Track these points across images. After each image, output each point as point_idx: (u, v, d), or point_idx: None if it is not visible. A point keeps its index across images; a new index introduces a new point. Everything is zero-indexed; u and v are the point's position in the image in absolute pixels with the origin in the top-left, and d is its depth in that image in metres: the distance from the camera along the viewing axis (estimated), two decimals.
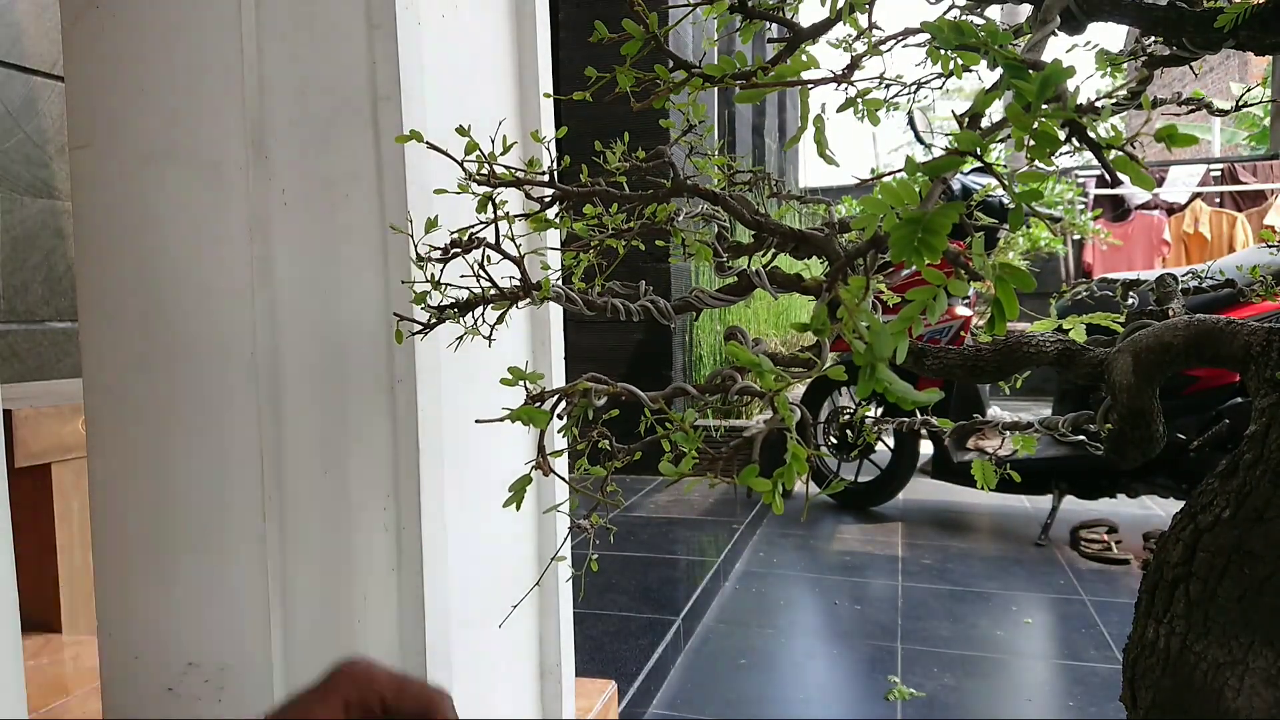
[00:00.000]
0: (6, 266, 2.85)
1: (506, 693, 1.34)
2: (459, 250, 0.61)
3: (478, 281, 0.60)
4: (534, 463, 0.57)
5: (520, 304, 0.61)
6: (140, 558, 1.13)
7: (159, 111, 1.09)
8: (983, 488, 0.91)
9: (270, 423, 1.08)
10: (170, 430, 1.11)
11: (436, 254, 0.61)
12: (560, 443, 0.61)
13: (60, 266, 3.01)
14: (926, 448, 4.06)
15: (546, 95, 1.28)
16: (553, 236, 1.27)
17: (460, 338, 0.63)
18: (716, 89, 0.57)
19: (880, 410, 3.62)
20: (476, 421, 0.56)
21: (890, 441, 4.02)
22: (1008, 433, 0.90)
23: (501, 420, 0.54)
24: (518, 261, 0.60)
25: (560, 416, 0.57)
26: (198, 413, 1.10)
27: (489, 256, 0.61)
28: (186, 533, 1.11)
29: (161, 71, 1.09)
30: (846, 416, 4.04)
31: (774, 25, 0.60)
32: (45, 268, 2.98)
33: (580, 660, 1.62)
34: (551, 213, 0.64)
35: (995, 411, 4.19)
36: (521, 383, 0.56)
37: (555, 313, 1.41)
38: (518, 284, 0.60)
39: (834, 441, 4.05)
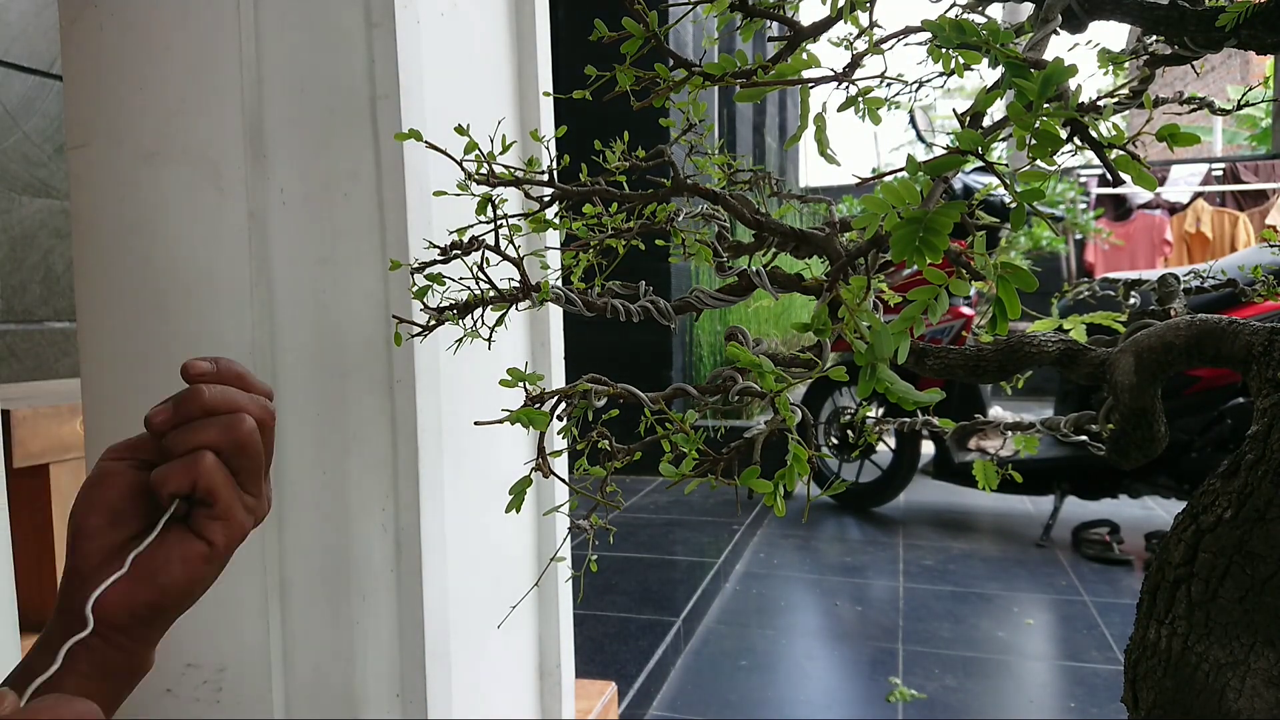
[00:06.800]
0: (5, 266, 2.85)
1: (506, 694, 1.33)
2: (459, 253, 0.61)
3: (477, 283, 0.60)
4: (534, 464, 0.57)
5: (520, 306, 0.61)
6: None
7: (158, 111, 1.09)
8: (984, 488, 0.91)
9: None
10: None
11: (435, 253, 0.61)
12: (560, 443, 0.60)
13: (59, 266, 3.01)
14: (928, 448, 4.06)
15: (546, 94, 1.28)
16: (552, 237, 1.27)
17: (459, 340, 0.63)
18: (717, 88, 0.56)
19: (881, 410, 3.62)
20: (476, 424, 0.56)
21: (891, 442, 4.01)
22: (1009, 433, 0.90)
23: (500, 422, 0.54)
24: (517, 263, 0.60)
25: (560, 418, 0.57)
26: None
27: (488, 258, 0.60)
28: None
29: (160, 71, 1.08)
30: (847, 417, 4.04)
31: (774, 24, 0.59)
32: (44, 267, 2.98)
33: (580, 661, 1.62)
34: (551, 212, 0.64)
35: (997, 412, 4.19)
36: (521, 384, 0.55)
37: (555, 313, 1.41)
38: (517, 285, 0.60)
39: (835, 442, 4.05)
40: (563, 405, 0.56)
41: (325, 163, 1.05)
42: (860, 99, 0.53)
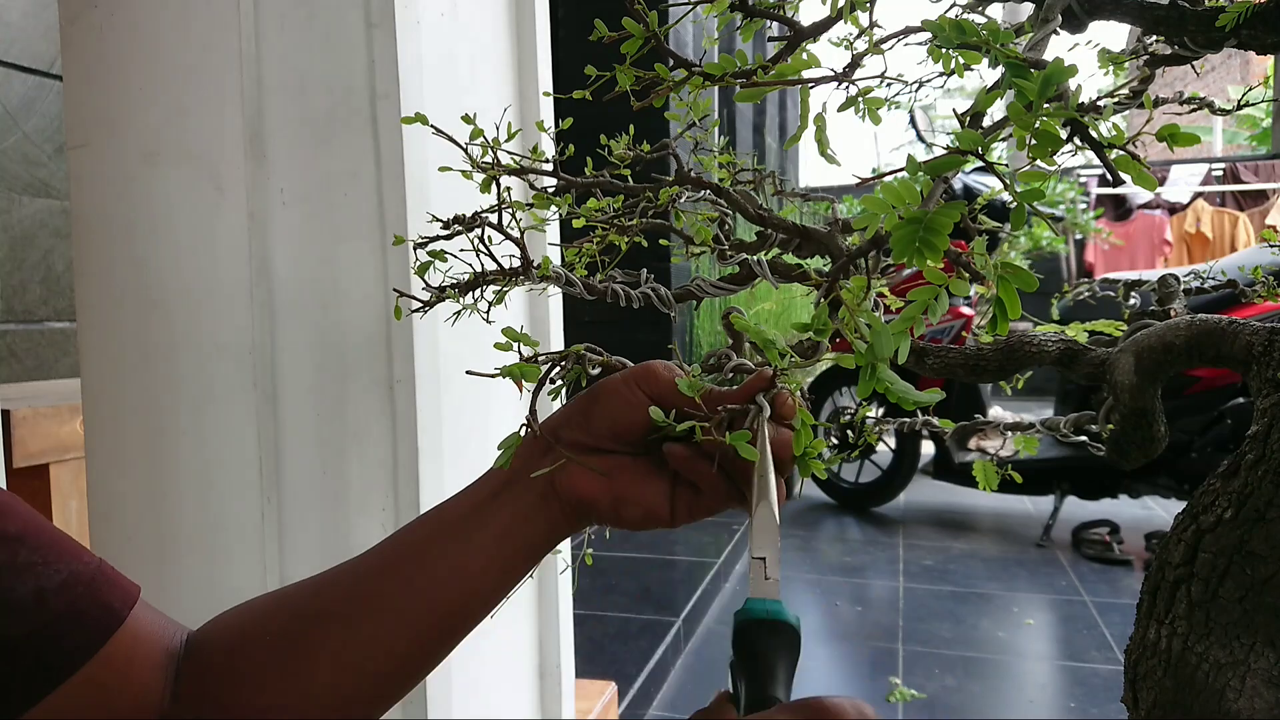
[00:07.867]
0: (5, 266, 2.85)
1: (506, 694, 1.33)
2: (461, 228, 0.61)
3: (478, 257, 0.60)
4: (524, 423, 0.57)
5: (520, 283, 0.61)
6: (138, 558, 1.13)
7: (157, 110, 1.09)
8: (984, 488, 0.91)
9: (269, 422, 1.08)
10: (168, 430, 1.11)
11: (439, 228, 0.61)
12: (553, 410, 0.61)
13: (59, 266, 3.01)
14: (928, 448, 4.06)
15: (546, 94, 1.28)
16: (554, 233, 1.27)
17: (456, 314, 0.64)
18: (717, 87, 0.56)
19: (881, 411, 3.62)
20: (468, 373, 0.56)
21: (891, 442, 4.01)
22: (1009, 433, 0.90)
23: (494, 376, 0.54)
24: (518, 242, 0.60)
25: (553, 380, 0.58)
26: (196, 412, 1.10)
27: (490, 237, 0.61)
28: (185, 533, 1.11)
29: (160, 70, 1.08)
30: (847, 417, 4.03)
31: (774, 24, 0.59)
32: (44, 267, 2.98)
33: (580, 662, 1.62)
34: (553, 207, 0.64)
35: (997, 412, 4.19)
36: (516, 346, 0.56)
37: (555, 311, 1.41)
38: (518, 263, 0.60)
39: (835, 442, 4.05)
40: (556, 369, 0.57)
41: (325, 163, 1.05)
42: (860, 99, 0.53)
